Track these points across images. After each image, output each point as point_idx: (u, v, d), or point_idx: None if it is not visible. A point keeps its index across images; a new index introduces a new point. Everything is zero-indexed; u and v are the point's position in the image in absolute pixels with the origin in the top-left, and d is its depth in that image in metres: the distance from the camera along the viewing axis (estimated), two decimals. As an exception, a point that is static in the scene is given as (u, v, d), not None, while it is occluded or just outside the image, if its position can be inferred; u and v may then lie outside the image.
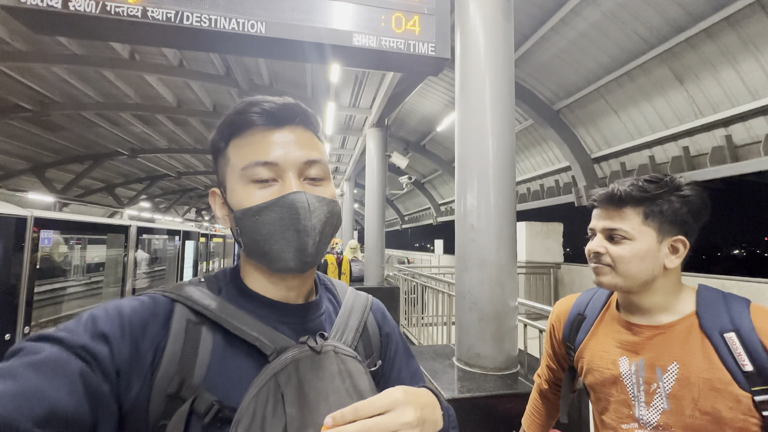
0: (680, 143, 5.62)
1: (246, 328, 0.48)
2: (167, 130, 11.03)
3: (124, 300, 0.46)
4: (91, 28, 1.59)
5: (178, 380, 0.43)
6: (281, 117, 0.51)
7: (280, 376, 0.45)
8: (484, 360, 1.82)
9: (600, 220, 0.77)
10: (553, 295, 6.64)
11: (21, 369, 0.34)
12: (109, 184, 16.21)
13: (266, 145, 0.50)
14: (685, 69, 4.90)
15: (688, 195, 0.71)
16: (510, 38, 1.97)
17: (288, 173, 0.50)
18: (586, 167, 7.13)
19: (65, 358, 0.37)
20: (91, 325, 0.41)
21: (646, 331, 0.74)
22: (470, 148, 1.95)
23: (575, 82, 6.19)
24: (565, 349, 0.90)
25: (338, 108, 6.03)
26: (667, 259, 0.72)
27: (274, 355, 0.47)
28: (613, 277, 0.74)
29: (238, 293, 0.53)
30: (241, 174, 0.50)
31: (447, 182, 13.53)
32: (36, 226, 2.47)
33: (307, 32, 1.69)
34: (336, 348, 0.51)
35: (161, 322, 0.46)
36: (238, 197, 0.50)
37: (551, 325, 0.95)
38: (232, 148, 0.52)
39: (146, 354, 0.43)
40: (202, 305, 0.48)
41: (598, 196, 0.78)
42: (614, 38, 5.11)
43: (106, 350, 0.40)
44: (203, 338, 0.46)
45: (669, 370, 0.69)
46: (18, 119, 9.17)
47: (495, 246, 1.84)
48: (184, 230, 6.29)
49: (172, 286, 0.51)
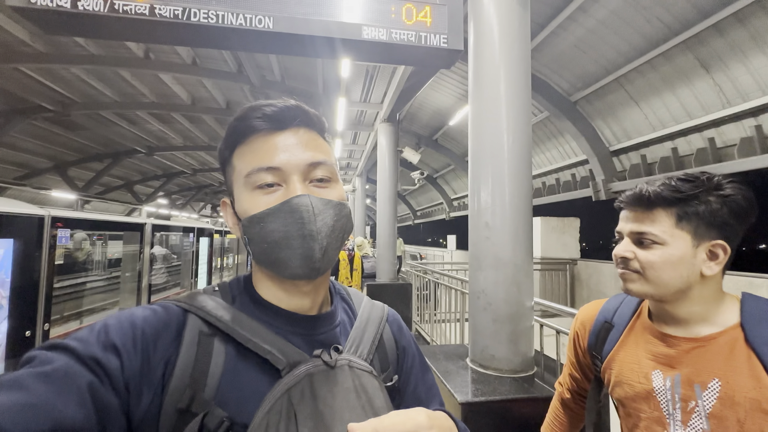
0: (705, 134, 5.37)
1: (258, 341, 0.46)
2: (182, 127, 11.20)
3: (137, 309, 0.46)
4: (100, 27, 1.58)
5: (190, 394, 0.42)
6: (283, 120, 0.50)
7: (293, 392, 0.43)
8: (499, 362, 1.77)
9: (627, 223, 0.71)
10: (569, 292, 6.49)
11: (30, 380, 0.34)
12: (128, 182, 16.64)
13: (269, 149, 0.49)
14: (712, 56, 4.65)
15: (729, 194, 0.63)
16: (526, 28, 1.89)
17: (292, 177, 0.49)
18: (604, 160, 6.91)
19: (76, 370, 0.36)
20: (104, 336, 0.41)
21: (683, 344, 0.67)
22: (484, 144, 1.88)
23: (593, 72, 5.97)
24: (590, 359, 0.85)
25: (349, 103, 6.00)
26: (704, 266, 0.65)
27: (287, 369, 0.45)
28: (642, 285, 0.68)
29: (251, 302, 0.52)
30: (245, 181, 0.49)
31: (460, 177, 13.36)
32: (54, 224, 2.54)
33: (315, 26, 1.65)
34: (351, 362, 0.49)
35: (174, 333, 0.45)
36: (244, 205, 0.49)
37: (575, 332, 0.89)
38: (237, 156, 0.51)
39: (157, 366, 0.42)
40: (215, 316, 0.47)
41: (625, 197, 0.72)
42: (635, 25, 4.88)
43: (117, 362, 0.39)
44: (215, 350, 0.45)
45: (709, 388, 0.63)
46: (41, 119, 9.46)
47: (511, 245, 1.77)
48: (198, 227, 6.39)
49: (186, 295, 0.50)
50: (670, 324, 0.71)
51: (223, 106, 9.47)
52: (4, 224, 2.36)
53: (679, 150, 5.83)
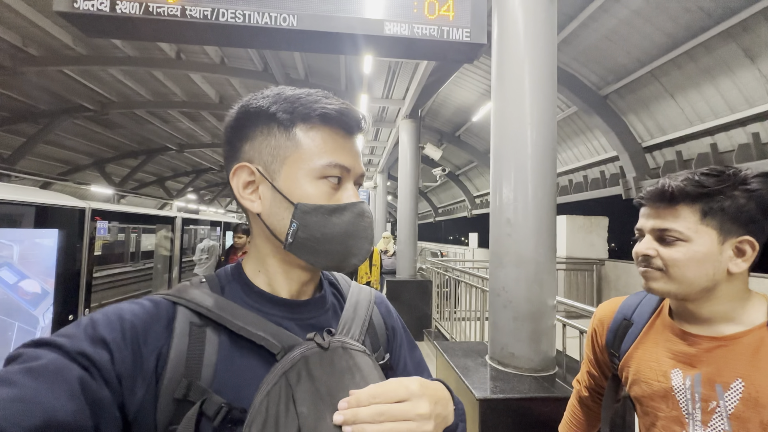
0: (749, 129, 5.03)
1: (252, 328, 0.47)
2: (210, 125, 11.60)
3: (124, 304, 0.46)
4: (135, 29, 1.67)
5: (185, 383, 0.42)
6: (355, 126, 0.53)
7: (290, 374, 0.44)
8: (519, 360, 1.75)
9: (649, 220, 0.68)
10: (596, 293, 6.27)
11: (18, 375, 0.34)
12: (160, 177, 17.42)
13: (345, 148, 0.52)
14: (758, 44, 4.34)
15: (756, 189, 0.60)
16: (553, 20, 1.83)
17: (350, 182, 0.53)
18: (636, 157, 6.60)
19: (64, 365, 0.36)
20: (91, 330, 0.40)
21: (705, 343, 0.65)
22: (507, 140, 1.85)
23: (626, 65, 5.70)
24: (608, 356, 0.83)
25: (371, 99, 6.01)
26: (731, 263, 0.62)
27: (282, 353, 0.46)
28: (665, 283, 0.66)
29: (242, 291, 0.53)
30: (312, 167, 0.50)
31: (482, 174, 13.14)
32: (93, 217, 2.71)
33: (337, 23, 1.67)
34: (344, 343, 0.50)
35: (164, 325, 0.45)
36: (307, 190, 0.50)
37: (593, 329, 0.87)
38: (306, 133, 0.50)
39: (149, 358, 0.42)
40: (205, 306, 0.47)
41: (646, 193, 0.69)
42: (672, 14, 4.62)
43: (107, 356, 0.39)
44: (208, 340, 0.46)
45: (732, 388, 0.61)
46: (82, 118, 10.06)
47: (533, 242, 1.74)
48: (225, 221, 6.62)
49: (174, 288, 0.51)
50: (692, 322, 0.68)
51: (249, 104, 9.71)
52: (50, 216, 2.55)
53: (719, 146, 5.49)
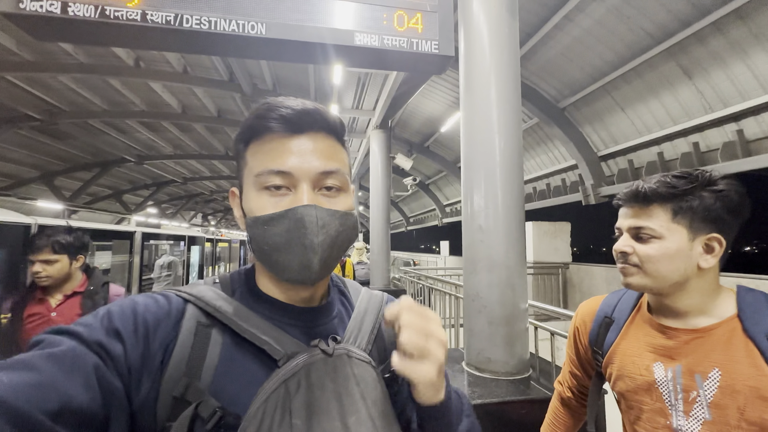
0: (690, 139, 5.52)
1: (256, 331, 0.47)
2: (172, 136, 11.12)
3: (139, 297, 0.47)
4: (91, 34, 1.57)
5: (185, 383, 0.42)
6: (301, 123, 0.49)
7: (290, 383, 0.44)
8: (495, 364, 1.77)
9: (626, 219, 0.74)
10: (562, 295, 6.54)
11: (40, 361, 0.35)
12: (117, 191, 16.38)
13: (282, 152, 0.48)
14: (694, 64, 4.81)
15: (722, 190, 0.66)
16: (515, 35, 1.93)
17: (302, 183, 0.48)
18: (593, 165, 7.03)
19: (82, 353, 0.38)
20: (107, 322, 0.42)
21: (683, 335, 0.69)
22: (476, 148, 1.91)
23: (580, 80, 6.11)
24: (591, 354, 0.86)
25: (341, 110, 6.03)
26: (701, 259, 0.67)
27: (284, 359, 0.46)
28: (641, 278, 0.70)
29: (250, 295, 0.52)
30: (254, 180, 0.49)
31: (452, 183, 13.45)
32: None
33: (307, 32, 1.67)
34: (349, 352, 0.50)
35: (173, 322, 0.46)
36: (251, 203, 0.49)
37: (575, 328, 0.90)
38: (250, 152, 0.50)
39: (156, 353, 0.43)
40: (213, 306, 0.48)
41: (622, 194, 0.75)
42: (619, 34, 5.03)
43: (120, 348, 0.40)
44: (213, 340, 0.46)
45: (710, 377, 0.64)
46: (27, 128, 9.30)
47: (504, 247, 1.79)
48: (189, 235, 6.30)
49: (187, 285, 0.51)
50: (669, 317, 0.72)
51: (215, 114, 9.43)
52: (-11, 233, 2.31)
53: (665, 154, 5.97)
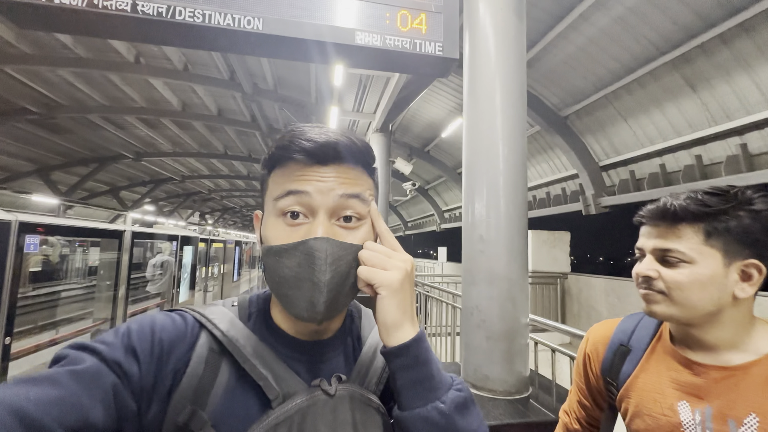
0: (692, 152, 5.47)
1: (257, 363, 0.45)
2: (172, 133, 11.04)
3: (158, 315, 0.47)
4: (78, 23, 1.50)
5: (190, 411, 0.42)
6: (324, 157, 0.47)
7: (280, 429, 0.42)
8: (493, 382, 1.69)
9: (650, 239, 0.65)
10: (560, 306, 6.46)
11: (64, 377, 0.36)
12: (114, 187, 16.26)
13: (302, 177, 0.47)
14: (698, 76, 4.77)
15: (762, 209, 0.58)
16: (522, 38, 1.87)
17: (320, 212, 0.46)
18: (594, 175, 6.98)
19: (103, 371, 0.38)
20: (127, 340, 0.42)
21: (713, 372, 0.61)
22: (479, 154, 1.84)
23: (583, 89, 6.07)
24: (604, 384, 0.77)
25: (342, 112, 5.96)
26: (737, 288, 0.59)
27: (279, 400, 0.44)
28: (667, 307, 0.62)
29: (263, 323, 0.51)
30: (274, 205, 0.48)
31: (451, 189, 13.40)
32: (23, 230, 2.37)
33: (306, 29, 1.59)
34: (353, 393, 0.47)
35: (187, 346, 0.45)
36: (267, 231, 0.48)
37: (586, 354, 0.82)
38: (272, 178, 0.50)
39: (167, 377, 0.43)
40: (221, 331, 0.47)
41: (646, 212, 0.66)
42: (624, 44, 5.00)
43: (136, 368, 0.41)
44: (222, 369, 0.45)
45: (746, 424, 0.56)
46: (24, 122, 9.20)
47: (506, 258, 1.71)
48: (182, 235, 6.19)
49: (206, 306, 0.51)
50: (696, 349, 0.64)
51: (215, 112, 9.36)
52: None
53: (667, 166, 5.92)
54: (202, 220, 26.95)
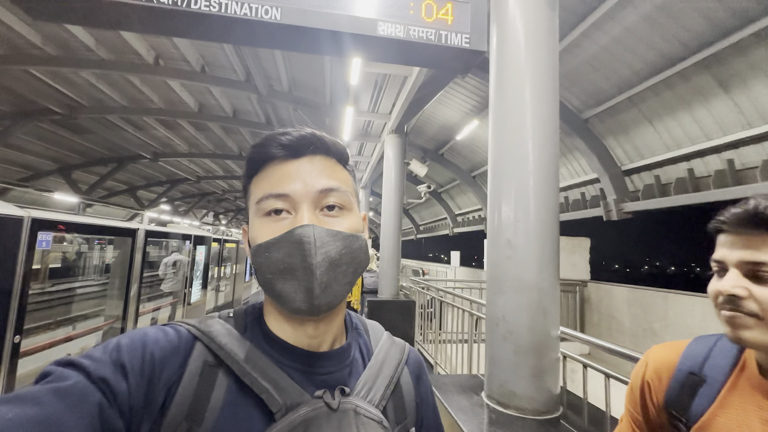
0: (724, 156, 5.20)
1: (258, 376, 0.44)
2: (188, 134, 11.19)
3: (150, 329, 0.46)
4: (91, 13, 1.45)
5: (186, 427, 0.41)
6: (298, 147, 0.49)
7: None
8: (521, 400, 1.56)
9: (734, 250, 0.54)
10: (579, 315, 6.22)
11: (47, 396, 0.35)
12: (132, 187, 16.62)
13: (281, 176, 0.48)
14: (732, 76, 4.53)
15: None
16: (555, 29, 1.74)
17: (302, 204, 0.47)
18: (616, 180, 6.73)
19: (88, 389, 0.37)
20: (116, 355, 0.40)
21: None
22: (507, 154, 1.72)
23: (606, 90, 5.86)
24: (668, 419, 0.65)
25: (357, 113, 5.90)
26: None
27: (282, 412, 0.43)
28: (763, 333, 0.50)
29: (260, 334, 0.50)
30: (256, 208, 0.48)
31: (465, 192, 13.20)
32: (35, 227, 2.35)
33: (326, 20, 1.51)
34: (357, 407, 0.46)
35: (180, 360, 0.44)
36: (254, 232, 0.48)
37: (645, 382, 0.70)
38: (253, 184, 0.51)
39: (159, 394, 0.41)
40: (218, 344, 0.45)
41: (728, 217, 0.56)
42: (651, 43, 4.79)
43: (125, 386, 0.39)
44: (218, 383, 0.44)
45: None
46: (47, 122, 9.46)
47: (536, 265, 1.58)
48: (196, 234, 6.21)
49: (200, 319, 0.49)
50: None
51: (230, 114, 9.45)
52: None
53: (696, 171, 5.65)
54: (216, 220, 27.34)
